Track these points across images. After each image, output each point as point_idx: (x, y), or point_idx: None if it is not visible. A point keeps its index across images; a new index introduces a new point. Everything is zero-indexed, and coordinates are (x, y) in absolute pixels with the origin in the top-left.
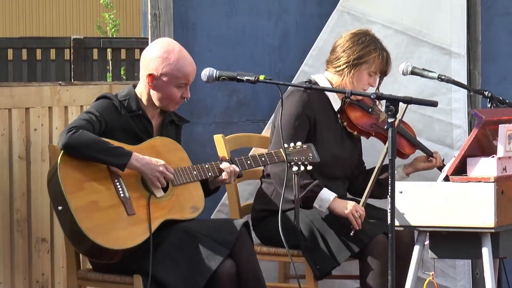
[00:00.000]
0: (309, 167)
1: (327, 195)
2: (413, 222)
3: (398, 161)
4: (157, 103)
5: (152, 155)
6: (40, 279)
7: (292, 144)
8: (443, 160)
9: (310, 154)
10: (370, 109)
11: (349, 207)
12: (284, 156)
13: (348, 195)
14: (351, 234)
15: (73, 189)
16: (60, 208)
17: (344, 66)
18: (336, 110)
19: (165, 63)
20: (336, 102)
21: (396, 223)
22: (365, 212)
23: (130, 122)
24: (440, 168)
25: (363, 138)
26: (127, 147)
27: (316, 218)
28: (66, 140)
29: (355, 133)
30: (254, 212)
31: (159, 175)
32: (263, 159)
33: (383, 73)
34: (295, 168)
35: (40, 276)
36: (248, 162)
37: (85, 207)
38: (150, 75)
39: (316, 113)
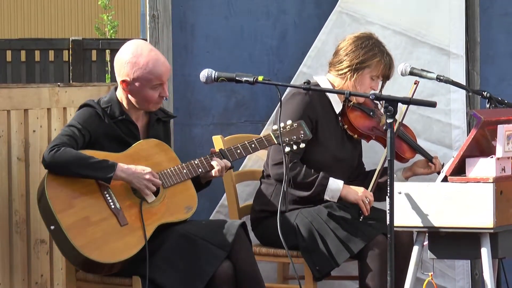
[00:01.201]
0: (302, 145)
1: (335, 185)
2: (412, 223)
3: (398, 164)
4: (137, 105)
5: (140, 160)
6: (39, 280)
7: (282, 125)
8: (442, 165)
9: (302, 132)
10: (371, 112)
11: (360, 193)
12: (274, 139)
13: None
14: (361, 219)
15: (63, 208)
16: (52, 227)
17: (347, 70)
18: (337, 112)
19: (135, 68)
20: (337, 104)
21: (395, 223)
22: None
23: (114, 128)
24: (439, 172)
25: (363, 141)
26: (112, 156)
27: (315, 218)
28: (49, 160)
29: (355, 136)
30: (254, 213)
31: (147, 182)
32: (253, 145)
33: (386, 77)
34: (287, 149)
35: (39, 277)
36: (238, 151)
37: (77, 224)
38: (123, 81)
39: (318, 114)
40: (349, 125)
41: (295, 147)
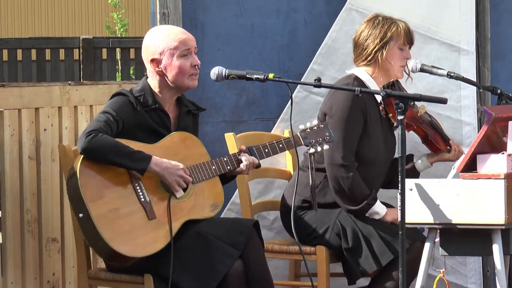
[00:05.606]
0: (326, 147)
1: (379, 210)
2: (423, 219)
3: (424, 150)
4: (173, 85)
5: (171, 153)
6: (51, 279)
7: (308, 124)
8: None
9: (327, 134)
10: (412, 103)
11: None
12: (302, 140)
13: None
14: None
15: (94, 197)
16: (80, 215)
17: (374, 52)
18: (379, 101)
19: (158, 42)
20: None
21: (406, 220)
22: None
23: (146, 117)
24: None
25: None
26: (146, 147)
27: (358, 218)
28: (86, 145)
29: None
30: (289, 201)
31: (178, 178)
32: (280, 145)
33: (410, 42)
34: (311, 150)
35: (51, 276)
36: (266, 150)
37: (106, 215)
38: (152, 60)
39: (366, 106)
40: (394, 113)
41: (319, 148)
